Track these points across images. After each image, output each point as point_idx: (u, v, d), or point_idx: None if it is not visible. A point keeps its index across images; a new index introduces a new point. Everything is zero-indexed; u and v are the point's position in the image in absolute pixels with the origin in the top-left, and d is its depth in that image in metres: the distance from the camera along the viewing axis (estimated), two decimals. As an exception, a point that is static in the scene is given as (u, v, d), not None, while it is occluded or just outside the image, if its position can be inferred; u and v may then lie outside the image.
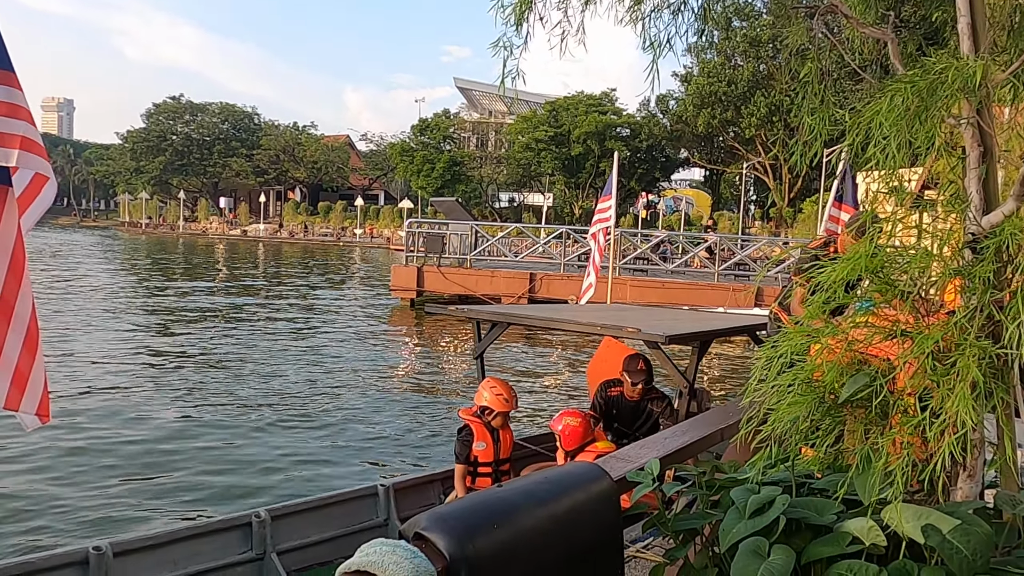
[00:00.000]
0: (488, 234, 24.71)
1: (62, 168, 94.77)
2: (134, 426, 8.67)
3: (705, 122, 44.51)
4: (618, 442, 5.55)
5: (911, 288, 1.83)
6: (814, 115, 2.38)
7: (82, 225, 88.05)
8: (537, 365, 13.88)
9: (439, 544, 1.53)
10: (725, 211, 53.21)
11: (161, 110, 74.84)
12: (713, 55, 42.41)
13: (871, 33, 2.18)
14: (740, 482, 2.02)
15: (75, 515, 6.22)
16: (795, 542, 1.78)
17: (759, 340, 6.32)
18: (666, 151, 55.06)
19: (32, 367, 2.97)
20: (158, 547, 4.34)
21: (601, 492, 1.96)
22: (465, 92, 69.27)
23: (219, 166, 73.22)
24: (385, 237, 57.50)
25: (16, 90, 2.81)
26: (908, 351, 1.76)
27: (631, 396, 5.59)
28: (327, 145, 72.68)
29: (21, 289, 2.92)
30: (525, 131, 54.08)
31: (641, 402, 5.60)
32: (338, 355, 13.96)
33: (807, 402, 1.93)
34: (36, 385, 3.00)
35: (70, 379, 10.73)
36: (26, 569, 3.88)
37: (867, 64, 2.74)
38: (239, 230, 67.61)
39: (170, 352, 13.47)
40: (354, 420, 9.44)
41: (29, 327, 2.95)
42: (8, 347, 2.89)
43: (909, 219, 1.99)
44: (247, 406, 9.87)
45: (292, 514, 4.88)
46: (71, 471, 7.15)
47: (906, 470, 1.61)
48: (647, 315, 6.81)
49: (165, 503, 6.59)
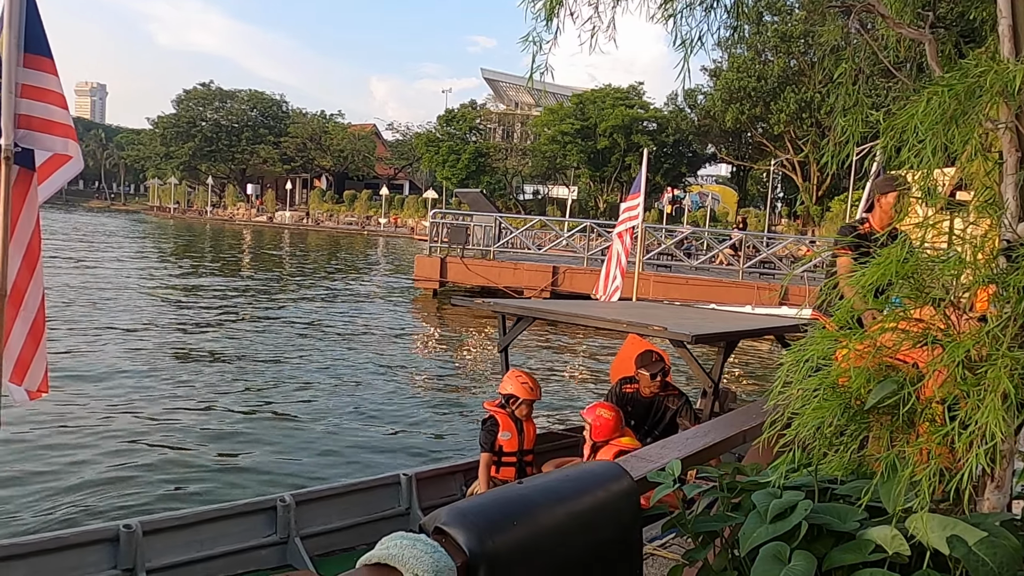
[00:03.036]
0: (512, 226, 24.70)
1: (94, 152, 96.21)
2: (158, 410, 8.80)
3: (733, 117, 44.02)
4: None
5: (943, 295, 1.80)
6: (847, 115, 2.35)
7: (112, 208, 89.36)
8: (561, 360, 13.87)
9: (459, 539, 1.53)
10: (751, 208, 52.66)
11: (191, 96, 75.59)
12: (743, 50, 41.90)
13: (908, 34, 2.14)
14: (762, 485, 2.01)
15: (105, 494, 6.35)
16: (816, 548, 1.76)
17: (785, 342, 6.27)
18: (693, 146, 54.58)
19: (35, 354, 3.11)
20: (186, 527, 4.43)
21: (622, 491, 1.96)
22: (492, 83, 69.18)
23: (247, 153, 73.86)
24: (409, 227, 57.68)
25: (49, 75, 2.87)
26: (938, 359, 1.73)
27: (646, 393, 5.60)
28: (353, 134, 73.01)
29: (33, 279, 3.03)
30: (551, 123, 53.89)
31: (657, 399, 5.60)
32: (359, 344, 14.05)
33: (832, 407, 1.91)
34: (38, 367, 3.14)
35: (90, 360, 10.91)
36: (59, 544, 4.01)
37: (901, 63, 2.70)
38: (265, 217, 68.18)
39: (194, 337, 13.65)
40: (375, 409, 9.50)
41: (36, 316, 3.08)
42: (15, 335, 3.01)
43: (941, 223, 1.96)
44: (268, 392, 9.99)
45: (316, 500, 4.95)
46: (97, 453, 7.29)
47: (933, 480, 1.59)
48: (673, 313, 6.78)
49: (190, 485, 6.70)
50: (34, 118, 2.83)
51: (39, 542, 4.00)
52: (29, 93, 2.80)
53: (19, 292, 2.94)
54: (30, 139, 2.85)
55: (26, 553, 3.88)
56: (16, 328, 2.96)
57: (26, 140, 2.84)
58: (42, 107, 2.83)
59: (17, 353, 2.99)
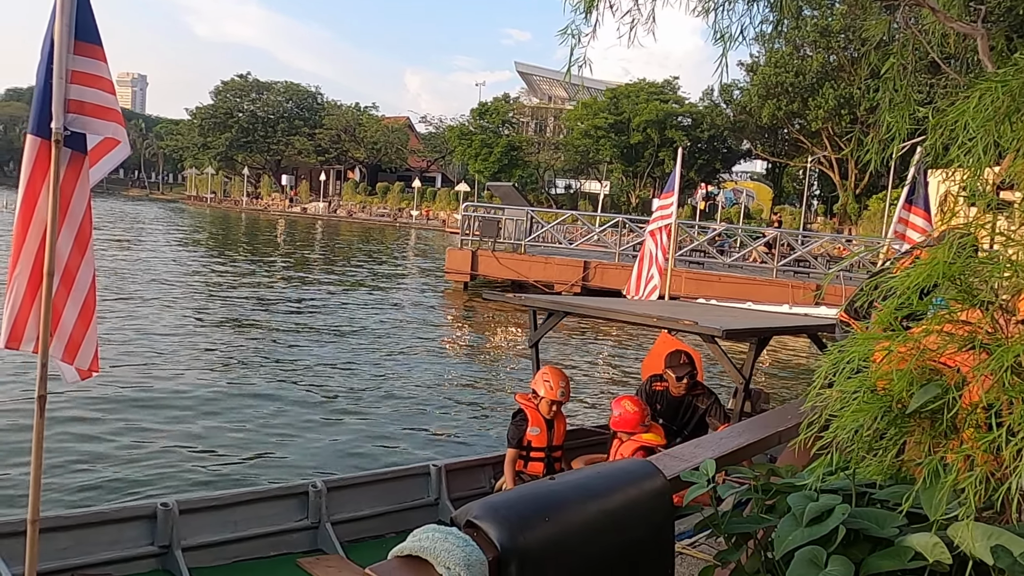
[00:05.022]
0: (543, 220, 24.64)
1: (134, 141, 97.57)
2: (196, 394, 8.97)
3: (770, 113, 43.36)
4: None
5: (991, 298, 1.75)
6: (893, 111, 2.29)
7: (151, 197, 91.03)
8: (592, 356, 13.83)
9: (491, 534, 1.53)
10: (786, 205, 51.90)
11: (229, 88, 76.58)
12: (781, 44, 41.19)
13: (960, 28, 2.08)
14: (797, 488, 1.97)
15: (143, 472, 6.52)
16: (853, 553, 1.73)
17: (821, 343, 6.17)
18: (728, 142, 53.91)
19: (85, 334, 3.18)
20: (221, 508, 4.53)
21: (654, 490, 1.94)
22: (525, 77, 69.00)
23: (282, 144, 74.64)
24: (441, 219, 57.87)
25: (99, 61, 2.96)
26: (984, 363, 1.68)
27: (676, 392, 5.55)
28: (387, 126, 73.34)
29: (84, 259, 3.11)
30: (585, 117, 53.60)
31: (686, 398, 5.56)
32: (390, 335, 14.15)
33: (872, 410, 1.87)
34: (89, 346, 3.21)
35: (135, 341, 11.14)
36: (100, 519, 4.15)
37: (948, 58, 2.62)
38: (299, 207, 68.92)
39: (232, 323, 13.86)
40: (406, 400, 9.57)
41: (87, 296, 3.15)
42: (67, 315, 3.09)
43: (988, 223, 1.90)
44: (301, 382, 10.10)
45: (347, 487, 5.01)
46: (137, 433, 7.45)
47: (978, 488, 1.54)
48: (705, 310, 6.71)
49: (224, 468, 6.82)
50: (85, 103, 2.93)
51: (82, 515, 4.14)
52: (80, 79, 2.89)
53: (71, 272, 3.04)
54: (81, 123, 2.95)
55: (70, 526, 4.02)
56: (68, 308, 3.06)
57: (77, 124, 2.93)
58: (92, 93, 2.92)
59: (69, 333, 3.09)
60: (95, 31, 2.91)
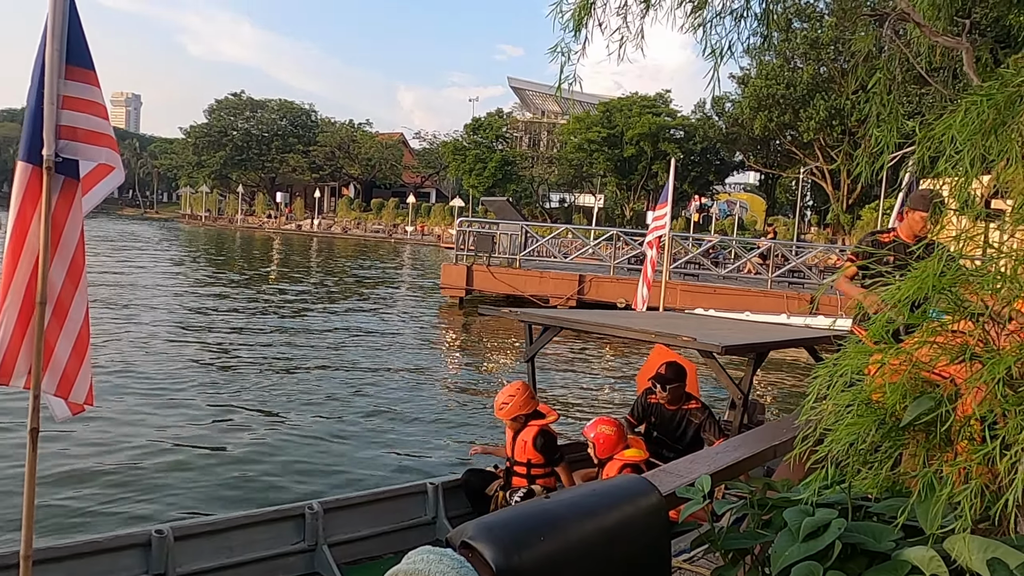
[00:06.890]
0: (538, 234, 24.68)
1: (128, 160, 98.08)
2: (184, 416, 8.91)
3: (762, 125, 43.57)
4: (658, 451, 5.50)
5: (982, 309, 1.75)
6: (881, 125, 2.30)
7: (146, 216, 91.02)
8: (588, 368, 13.81)
9: (486, 554, 1.52)
10: (780, 216, 52.07)
11: (223, 106, 76.83)
12: (772, 57, 41.49)
13: (945, 43, 2.10)
14: (794, 502, 1.97)
15: (135, 499, 6.44)
16: (850, 568, 1.72)
17: (817, 355, 6.16)
18: (720, 154, 54.16)
19: (80, 368, 3.08)
20: (216, 533, 4.48)
21: (650, 506, 1.93)
22: (518, 92, 69.36)
23: (276, 161, 74.79)
24: (436, 235, 57.93)
25: (91, 86, 2.90)
26: (977, 375, 1.68)
27: (669, 405, 5.56)
28: (381, 143, 73.56)
29: (77, 292, 3.01)
30: (578, 131, 53.85)
31: (679, 411, 5.55)
32: (386, 351, 14.11)
33: (866, 423, 1.87)
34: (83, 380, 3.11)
35: (127, 366, 11.09)
36: (92, 548, 4.08)
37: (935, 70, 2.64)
38: (294, 224, 68.93)
39: (224, 344, 13.80)
40: (401, 418, 9.53)
41: (80, 329, 3.05)
42: (59, 349, 2.99)
43: (978, 234, 1.91)
44: (295, 400, 10.06)
45: (344, 508, 4.97)
46: (128, 459, 7.39)
47: (974, 501, 1.54)
48: (702, 323, 6.71)
49: (219, 490, 6.76)
50: (78, 129, 2.84)
51: (75, 545, 4.08)
52: (72, 104, 2.82)
53: (63, 305, 2.93)
54: (73, 149, 2.85)
55: (62, 556, 3.95)
56: (60, 342, 2.94)
57: (69, 151, 2.85)
58: (85, 118, 2.85)
59: (63, 367, 2.98)
60: (87, 55, 2.86)
